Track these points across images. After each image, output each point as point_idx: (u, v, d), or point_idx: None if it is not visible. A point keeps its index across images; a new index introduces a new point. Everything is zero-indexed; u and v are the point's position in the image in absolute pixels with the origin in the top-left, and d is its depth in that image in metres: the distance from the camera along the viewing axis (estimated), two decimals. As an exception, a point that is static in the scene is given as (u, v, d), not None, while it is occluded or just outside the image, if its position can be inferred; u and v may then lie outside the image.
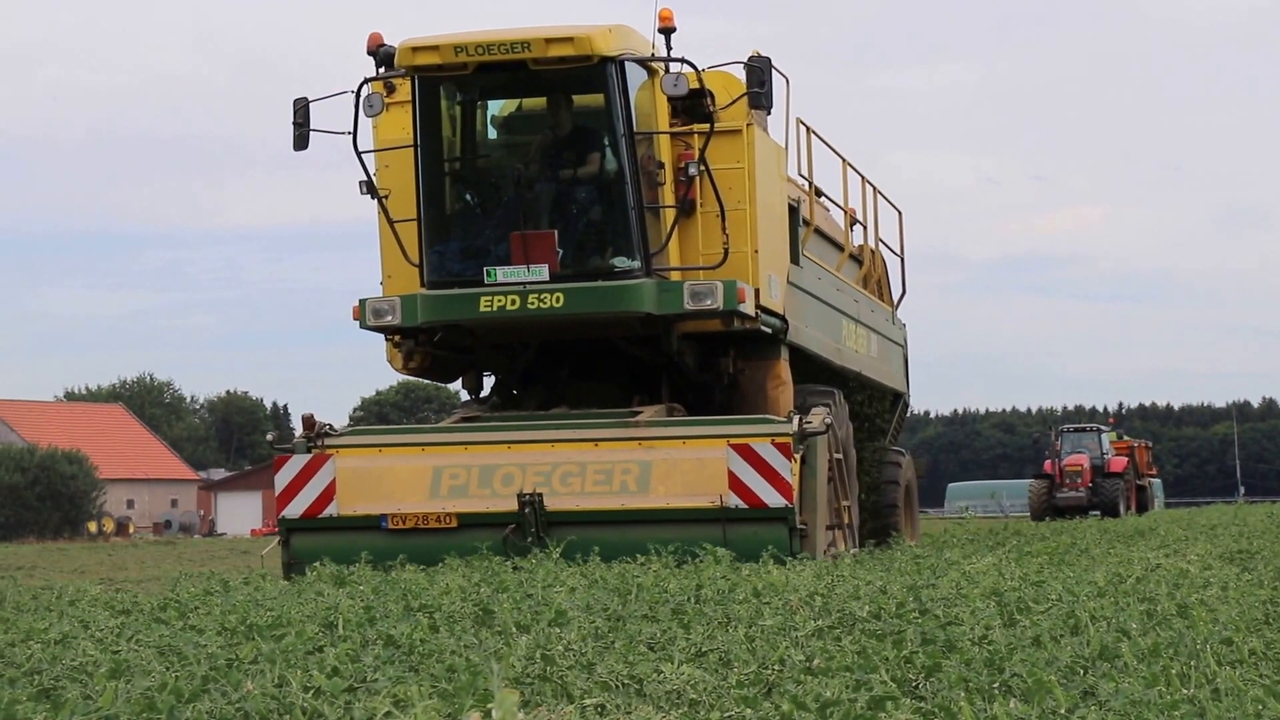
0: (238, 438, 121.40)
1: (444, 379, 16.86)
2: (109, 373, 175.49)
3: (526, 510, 14.00)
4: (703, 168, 14.68)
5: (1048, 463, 51.14)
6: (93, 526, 77.36)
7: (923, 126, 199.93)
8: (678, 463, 14.12)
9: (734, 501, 13.84)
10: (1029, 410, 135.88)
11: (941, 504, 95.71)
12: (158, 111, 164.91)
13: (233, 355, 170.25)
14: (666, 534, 13.66)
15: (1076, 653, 6.75)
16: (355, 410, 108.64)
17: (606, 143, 14.86)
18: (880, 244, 21.02)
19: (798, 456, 14.07)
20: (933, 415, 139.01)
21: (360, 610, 8.80)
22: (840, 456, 15.83)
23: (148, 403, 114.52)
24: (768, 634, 7.56)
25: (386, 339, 15.93)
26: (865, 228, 20.22)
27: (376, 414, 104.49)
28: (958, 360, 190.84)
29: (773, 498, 13.80)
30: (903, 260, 21.97)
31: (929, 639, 7.12)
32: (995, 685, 6.06)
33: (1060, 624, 7.79)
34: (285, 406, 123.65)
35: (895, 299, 21.92)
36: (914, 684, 6.23)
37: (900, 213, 21.75)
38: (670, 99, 14.72)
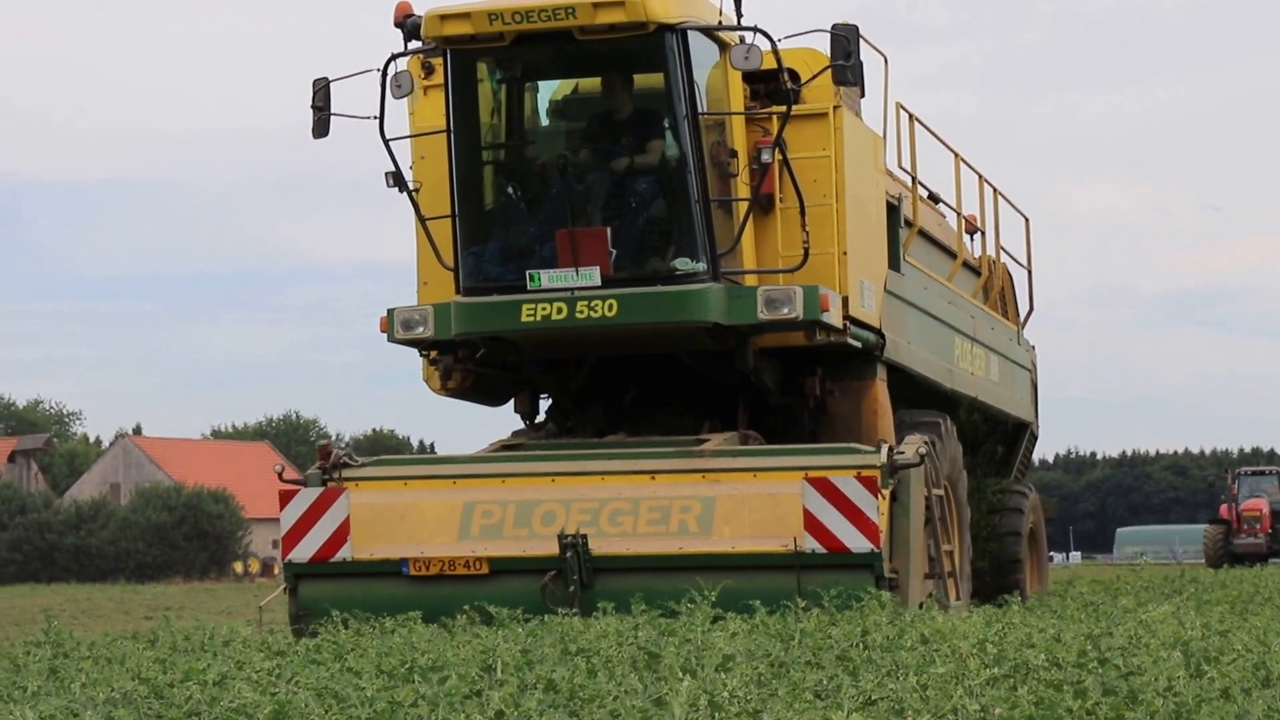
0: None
1: (490, 401, 14.77)
2: (255, 410, 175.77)
3: (568, 554, 12.17)
4: (779, 154, 12.68)
5: (1224, 507, 49.39)
6: (238, 567, 77.27)
7: (1090, 155, 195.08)
8: (745, 499, 12.27)
9: (810, 545, 11.99)
10: (1202, 452, 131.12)
11: (1110, 550, 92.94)
12: (306, 151, 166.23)
13: (379, 393, 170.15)
14: (731, 583, 11.68)
15: (1270, 706, 6.52)
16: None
17: (666, 125, 12.88)
18: (1002, 253, 18.70)
19: (886, 493, 12.11)
20: (1100, 457, 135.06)
21: (518, 653, 8.73)
22: (942, 493, 13.69)
23: (293, 440, 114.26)
24: (939, 682, 7.37)
25: (421, 355, 14.01)
26: (984, 234, 17.93)
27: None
28: (1127, 399, 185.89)
29: (856, 541, 11.92)
30: (1030, 272, 19.56)
31: (1110, 689, 6.93)
32: (1183, 738, 5.83)
33: (1250, 675, 7.53)
34: (432, 445, 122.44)
35: (1022, 317, 19.56)
36: (1096, 735, 6.03)
37: (1027, 219, 19.42)
38: (745, 77, 12.82)
